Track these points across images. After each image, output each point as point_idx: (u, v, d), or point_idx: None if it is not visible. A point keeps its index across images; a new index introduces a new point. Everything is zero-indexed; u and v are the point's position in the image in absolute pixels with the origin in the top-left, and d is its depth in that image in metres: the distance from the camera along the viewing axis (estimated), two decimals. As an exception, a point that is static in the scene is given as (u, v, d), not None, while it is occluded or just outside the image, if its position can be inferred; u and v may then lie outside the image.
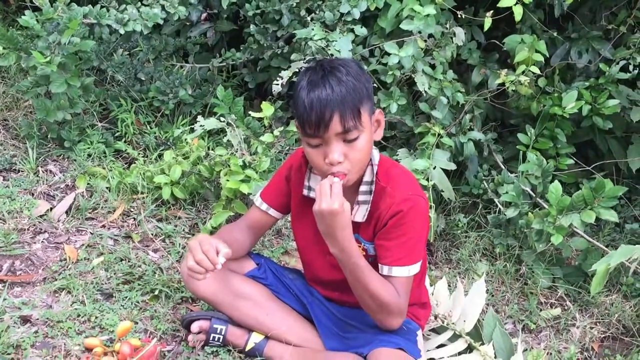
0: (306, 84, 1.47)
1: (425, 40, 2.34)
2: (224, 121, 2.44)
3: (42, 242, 2.12)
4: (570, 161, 2.53)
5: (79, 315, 1.79)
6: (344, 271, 1.56)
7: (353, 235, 1.54)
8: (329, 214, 1.45)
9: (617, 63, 2.45)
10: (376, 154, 1.61)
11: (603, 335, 2.09)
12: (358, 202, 1.60)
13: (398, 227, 1.56)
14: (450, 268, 2.34)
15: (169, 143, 2.70)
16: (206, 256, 1.49)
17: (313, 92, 1.45)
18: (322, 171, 1.52)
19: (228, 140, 2.47)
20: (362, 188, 1.59)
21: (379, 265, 1.58)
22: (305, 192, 1.68)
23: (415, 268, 1.58)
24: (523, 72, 2.28)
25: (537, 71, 2.29)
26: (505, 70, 2.34)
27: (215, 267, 1.50)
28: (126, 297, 1.90)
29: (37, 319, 1.75)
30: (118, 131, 2.72)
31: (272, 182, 1.79)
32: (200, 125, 2.37)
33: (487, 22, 2.24)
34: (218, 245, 1.52)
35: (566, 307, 2.19)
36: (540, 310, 2.17)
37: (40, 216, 2.23)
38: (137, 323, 1.80)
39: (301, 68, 2.40)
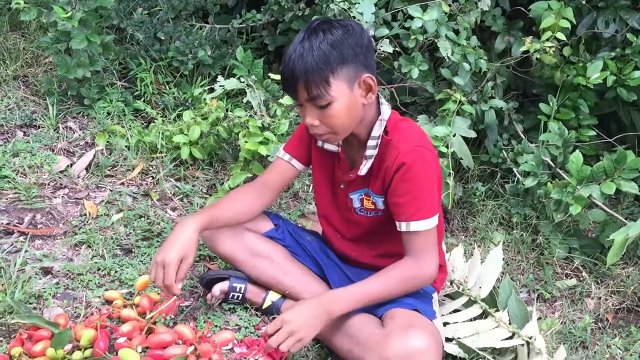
0: (291, 46, 1.47)
1: (450, 5, 2.30)
2: (243, 82, 2.42)
3: (62, 197, 2.14)
4: (592, 133, 2.50)
5: (99, 269, 1.82)
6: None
7: (363, 192, 1.60)
8: (299, 328, 1.47)
9: (645, 33, 2.40)
10: (387, 109, 1.59)
11: (618, 307, 2.09)
12: (366, 157, 1.60)
13: (405, 182, 1.54)
14: (466, 236, 2.34)
15: (187, 104, 2.69)
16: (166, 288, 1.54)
17: (287, 56, 1.46)
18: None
19: (247, 102, 2.46)
20: (370, 143, 1.59)
21: (397, 223, 1.57)
22: (319, 143, 1.71)
23: (433, 220, 1.56)
24: (548, 39, 2.23)
25: (563, 38, 2.24)
26: (530, 37, 2.29)
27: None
28: (145, 252, 1.92)
29: (58, 271, 1.78)
30: (137, 90, 2.72)
31: (295, 134, 1.80)
32: (220, 85, 2.36)
33: (514, -13, 2.19)
34: (179, 273, 1.54)
35: (581, 278, 2.19)
36: (556, 280, 2.18)
37: (61, 172, 2.25)
38: (155, 278, 1.82)
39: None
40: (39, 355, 1.41)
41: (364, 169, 1.61)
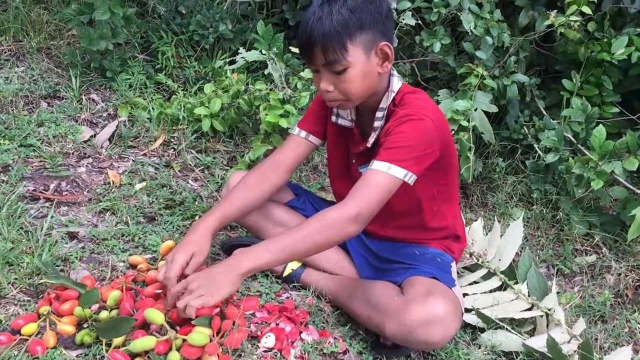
0: (310, 9, 1.46)
1: (474, -22, 2.28)
2: (264, 54, 2.43)
3: (86, 166, 2.17)
4: (615, 110, 2.47)
5: (123, 235, 1.85)
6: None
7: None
8: (198, 287, 1.38)
9: (672, 9, 2.37)
10: (397, 81, 1.59)
11: (638, 283, 2.08)
12: (374, 129, 1.61)
13: (394, 135, 1.50)
14: (485, 212, 2.34)
15: (208, 77, 2.70)
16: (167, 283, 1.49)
17: (304, 21, 1.45)
18: (321, 94, 1.54)
19: (268, 74, 2.46)
20: (378, 114, 1.59)
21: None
22: (333, 118, 1.71)
23: (396, 170, 1.45)
24: (573, 12, 2.21)
25: (589, 12, 2.22)
26: (555, 11, 2.27)
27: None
28: (168, 220, 1.95)
29: (84, 236, 1.81)
30: (158, 64, 2.74)
31: (309, 111, 1.79)
32: (242, 57, 2.37)
33: (540, -40, 2.16)
34: (187, 270, 1.50)
35: (601, 255, 2.18)
36: (575, 256, 2.17)
37: (85, 142, 2.28)
38: (178, 245, 1.85)
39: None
40: (66, 314, 1.44)
41: (371, 140, 1.61)
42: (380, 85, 1.57)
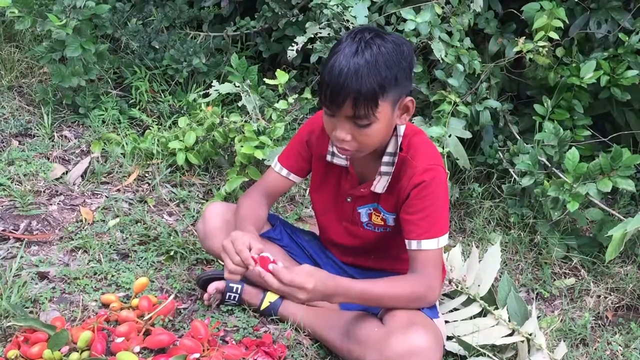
0: (337, 53, 1.39)
1: (443, 7, 2.32)
2: (238, 86, 2.43)
3: (58, 204, 2.13)
4: (587, 133, 2.50)
5: (95, 273, 1.81)
6: (357, 303, 1.55)
7: (372, 206, 1.59)
8: (314, 294, 1.41)
9: (637, 33, 2.42)
10: (403, 125, 1.56)
11: (617, 305, 2.08)
12: (380, 173, 1.58)
13: (422, 199, 1.52)
14: (464, 237, 2.34)
15: (182, 111, 2.69)
16: (240, 257, 1.46)
17: (337, 67, 1.36)
18: (331, 138, 1.50)
19: (242, 108, 2.46)
20: (385, 159, 1.56)
21: (407, 241, 1.55)
22: (329, 157, 1.66)
23: (444, 240, 1.54)
24: (541, 38, 2.25)
25: (557, 37, 2.26)
26: (523, 38, 2.31)
27: (249, 268, 1.47)
28: (142, 257, 1.91)
29: (55, 276, 1.77)
30: (132, 99, 2.73)
31: (291, 147, 1.76)
32: (215, 89, 2.37)
33: (506, -11, 2.21)
34: (251, 241, 1.48)
35: (580, 277, 2.18)
36: (554, 279, 2.17)
37: (56, 179, 2.25)
38: (153, 282, 1.81)
39: (317, 34, 2.38)
40: (35, 357, 1.40)
41: (379, 186, 1.58)
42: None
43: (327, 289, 1.43)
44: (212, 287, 1.73)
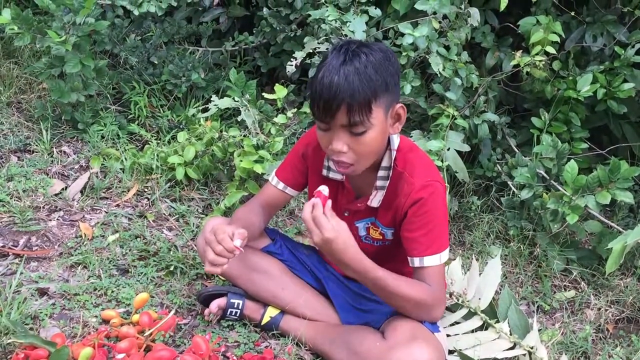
0: (325, 65, 1.40)
1: (440, 22, 2.34)
2: (237, 101, 2.44)
3: (57, 219, 2.13)
4: (585, 145, 2.52)
5: (95, 289, 1.80)
6: (368, 287, 1.54)
7: (370, 220, 1.58)
8: (325, 244, 1.41)
9: (633, 46, 2.44)
10: (396, 139, 1.57)
11: (618, 317, 2.08)
12: (376, 188, 1.58)
13: (421, 216, 1.53)
14: (463, 250, 2.34)
15: (181, 126, 2.70)
16: (222, 245, 1.47)
17: (327, 77, 1.38)
18: (327, 154, 1.51)
19: (241, 122, 2.47)
20: (380, 173, 1.57)
21: (409, 258, 1.55)
22: (324, 172, 1.67)
23: (445, 255, 1.55)
24: (538, 52, 2.27)
25: (553, 51, 2.28)
26: (520, 51, 2.33)
27: (234, 254, 1.49)
28: (142, 272, 1.91)
29: (54, 292, 1.76)
30: (131, 114, 2.73)
31: (288, 161, 1.77)
32: (214, 104, 2.37)
33: (503, 3, 2.23)
34: (235, 232, 1.49)
35: (580, 290, 2.18)
36: (554, 292, 2.17)
37: (55, 195, 2.24)
38: (153, 297, 1.80)
39: (315, 49, 2.40)
40: (35, 375, 1.39)
41: (374, 201, 1.59)
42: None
43: (343, 253, 1.43)
44: (214, 305, 1.73)
